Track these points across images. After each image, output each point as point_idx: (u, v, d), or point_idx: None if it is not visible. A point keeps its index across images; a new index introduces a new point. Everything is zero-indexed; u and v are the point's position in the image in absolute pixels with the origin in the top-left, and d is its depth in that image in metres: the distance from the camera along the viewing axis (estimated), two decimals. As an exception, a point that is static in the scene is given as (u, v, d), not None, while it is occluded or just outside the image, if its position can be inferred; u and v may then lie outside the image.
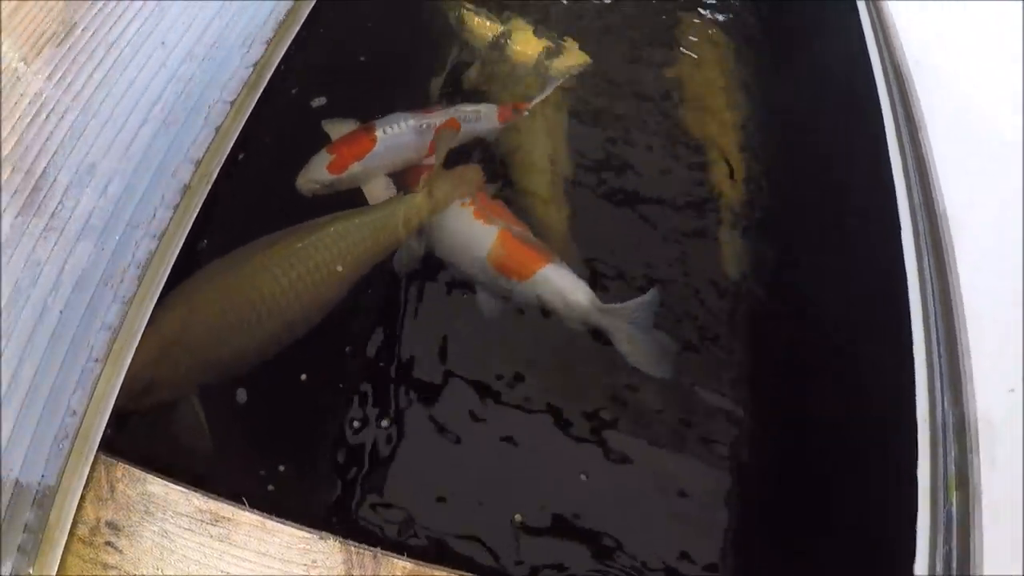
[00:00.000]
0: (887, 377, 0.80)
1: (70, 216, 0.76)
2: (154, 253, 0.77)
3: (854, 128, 1.09)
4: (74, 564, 0.63)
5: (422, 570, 0.65)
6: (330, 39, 1.22)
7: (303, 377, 1.01)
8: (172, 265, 0.78)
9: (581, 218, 1.25)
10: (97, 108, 0.82)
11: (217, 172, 0.85)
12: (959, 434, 0.66)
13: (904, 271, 0.81)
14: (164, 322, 0.82)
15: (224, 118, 0.86)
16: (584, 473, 1.01)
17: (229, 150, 0.88)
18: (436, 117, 1.25)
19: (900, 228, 0.84)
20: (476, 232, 1.10)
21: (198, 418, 0.84)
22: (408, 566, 0.65)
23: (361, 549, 0.65)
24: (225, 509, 0.66)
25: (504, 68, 1.44)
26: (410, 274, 1.14)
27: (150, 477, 0.67)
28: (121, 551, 0.64)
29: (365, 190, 1.19)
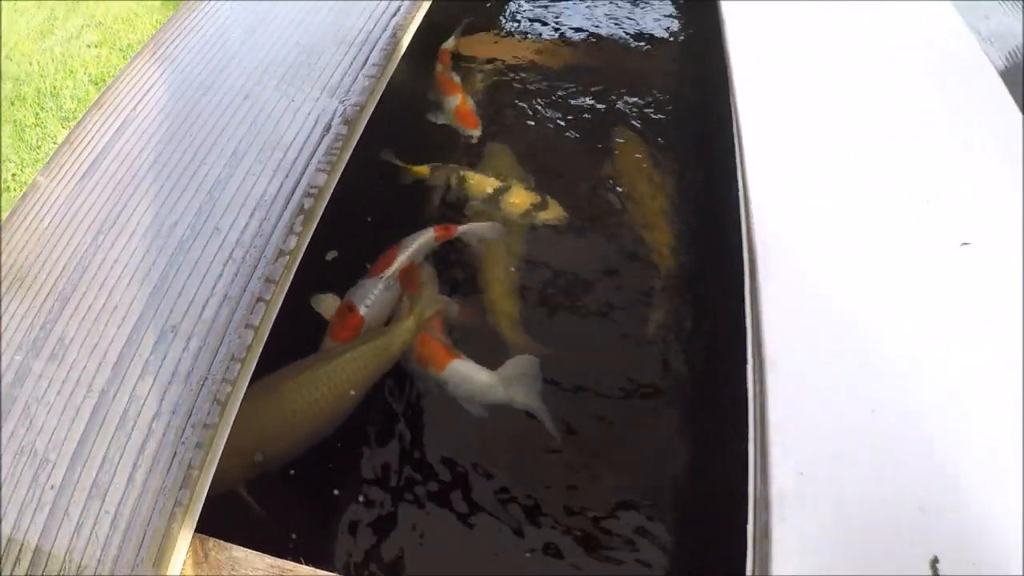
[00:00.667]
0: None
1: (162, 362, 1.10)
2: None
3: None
4: (181, 610, 0.93)
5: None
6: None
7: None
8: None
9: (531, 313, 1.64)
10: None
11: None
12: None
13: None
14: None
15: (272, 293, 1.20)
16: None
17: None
18: (394, 265, 1.59)
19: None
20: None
21: (250, 502, 1.16)
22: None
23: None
24: (288, 564, 0.96)
25: (498, 216, 1.83)
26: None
27: (233, 546, 0.98)
28: (214, 600, 0.94)
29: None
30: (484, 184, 1.85)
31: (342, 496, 1.37)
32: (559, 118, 2.11)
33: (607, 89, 2.18)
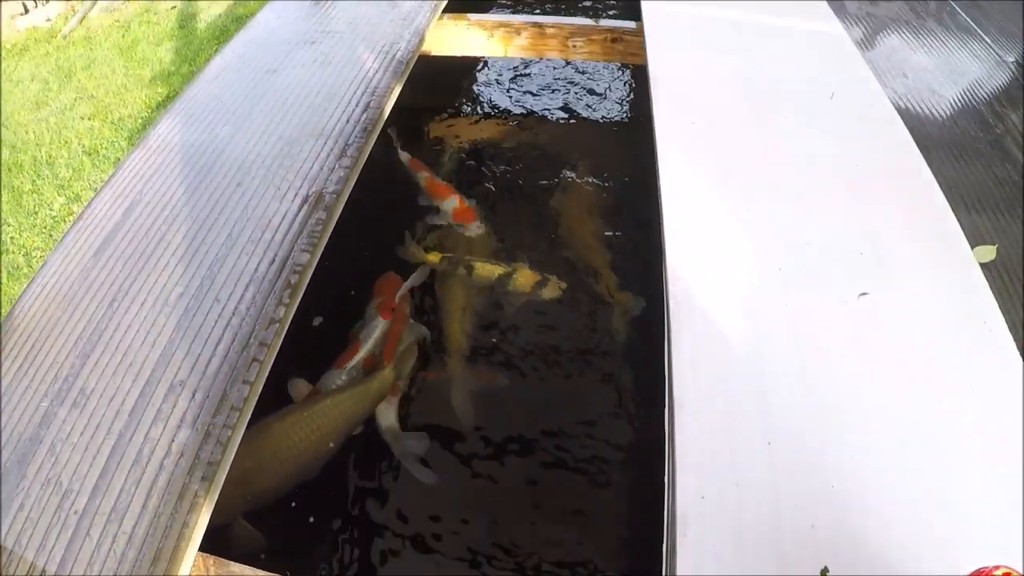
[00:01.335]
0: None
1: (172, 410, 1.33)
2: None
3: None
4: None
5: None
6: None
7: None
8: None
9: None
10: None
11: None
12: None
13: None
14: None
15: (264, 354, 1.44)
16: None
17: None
18: (356, 358, 1.82)
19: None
20: None
21: (249, 530, 1.38)
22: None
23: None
24: (276, 577, 1.19)
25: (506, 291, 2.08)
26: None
27: (232, 563, 1.20)
28: (216, 612, 1.16)
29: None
30: (491, 271, 2.07)
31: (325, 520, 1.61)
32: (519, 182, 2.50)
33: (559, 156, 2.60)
